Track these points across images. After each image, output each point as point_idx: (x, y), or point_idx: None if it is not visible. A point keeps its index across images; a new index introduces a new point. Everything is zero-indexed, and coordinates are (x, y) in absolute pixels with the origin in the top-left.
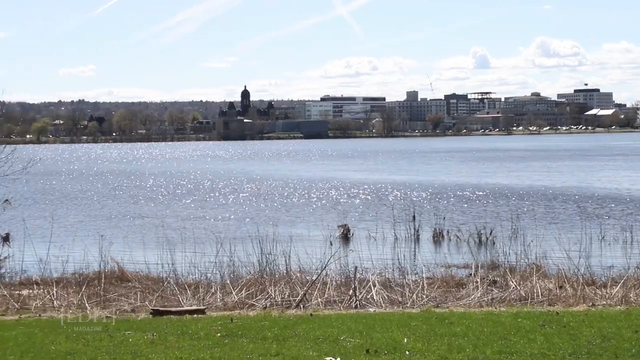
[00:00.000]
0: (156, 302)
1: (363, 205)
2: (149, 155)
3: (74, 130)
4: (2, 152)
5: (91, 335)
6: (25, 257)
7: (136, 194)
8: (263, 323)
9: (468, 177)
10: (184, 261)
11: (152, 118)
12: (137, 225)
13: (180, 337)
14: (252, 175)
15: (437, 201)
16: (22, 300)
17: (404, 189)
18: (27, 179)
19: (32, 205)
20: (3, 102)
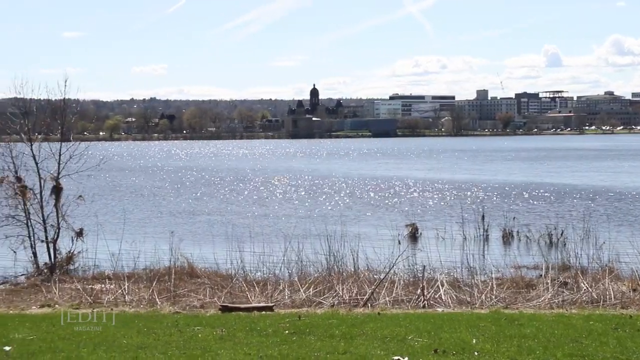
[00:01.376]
0: (225, 298)
1: (431, 205)
2: (219, 152)
3: (146, 127)
4: (76, 149)
5: (162, 330)
6: (98, 252)
7: (206, 191)
8: (331, 321)
9: (538, 176)
10: (253, 258)
11: (221, 116)
12: (207, 221)
13: (249, 334)
14: (320, 173)
15: (506, 201)
16: (94, 295)
17: (473, 188)
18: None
19: (104, 201)
20: (77, 100)
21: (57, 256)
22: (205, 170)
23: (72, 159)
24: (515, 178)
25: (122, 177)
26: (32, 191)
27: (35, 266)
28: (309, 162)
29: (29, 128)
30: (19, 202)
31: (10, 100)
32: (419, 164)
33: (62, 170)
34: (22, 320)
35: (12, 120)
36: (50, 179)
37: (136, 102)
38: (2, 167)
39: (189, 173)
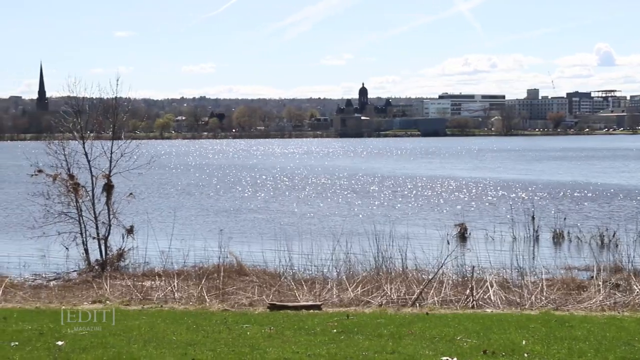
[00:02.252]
0: (273, 296)
1: (481, 205)
2: (267, 151)
3: (196, 126)
4: (127, 147)
5: (210, 328)
6: (148, 249)
7: (254, 189)
8: (379, 320)
9: (589, 176)
10: (301, 257)
11: (270, 115)
12: (255, 220)
13: (297, 332)
14: (371, 172)
15: (555, 201)
16: (145, 291)
17: (523, 188)
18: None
19: (155, 198)
20: (129, 99)
21: (108, 253)
22: (254, 169)
23: (123, 157)
24: (564, 178)
25: (171, 175)
26: (84, 188)
27: (86, 262)
28: (357, 161)
29: (82, 126)
30: (71, 199)
31: (64, 98)
32: (467, 163)
33: (113, 168)
34: (74, 316)
35: (65, 119)
36: (101, 176)
37: (186, 100)
38: (55, 164)
39: (237, 171)
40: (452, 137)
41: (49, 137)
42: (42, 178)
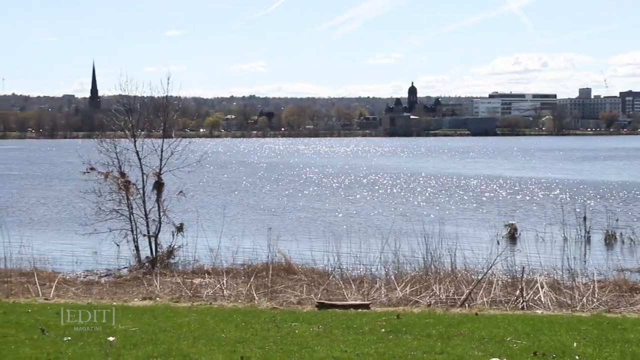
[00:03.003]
0: (321, 295)
1: (531, 205)
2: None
3: (245, 124)
4: (177, 146)
5: (259, 325)
6: (198, 247)
7: (302, 188)
8: (427, 320)
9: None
10: (349, 255)
11: (319, 114)
12: (304, 218)
13: (345, 331)
14: (419, 171)
15: (607, 202)
16: (194, 288)
17: (574, 188)
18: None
19: (204, 196)
20: (179, 97)
21: (158, 250)
22: (302, 167)
23: (173, 155)
24: (615, 178)
25: (221, 174)
26: (135, 186)
27: (137, 259)
28: (405, 160)
29: (133, 125)
30: (122, 197)
31: (116, 97)
32: (516, 162)
33: (163, 166)
34: (125, 312)
35: (116, 117)
36: (152, 174)
37: (236, 99)
38: (107, 162)
39: (285, 170)
40: (502, 137)
41: (101, 135)
42: (94, 176)
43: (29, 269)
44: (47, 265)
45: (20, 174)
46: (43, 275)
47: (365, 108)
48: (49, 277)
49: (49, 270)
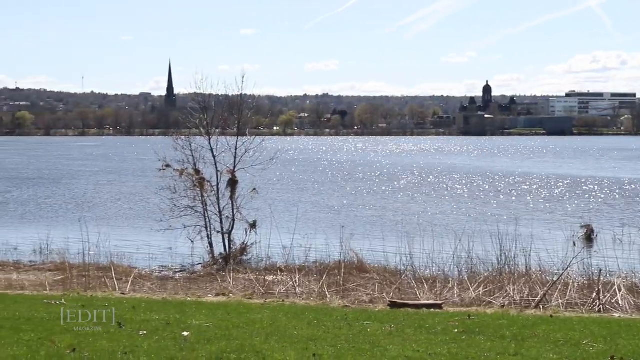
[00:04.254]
0: (394, 294)
1: (609, 206)
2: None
3: (318, 123)
4: (251, 143)
5: (331, 323)
6: (271, 244)
7: (375, 186)
8: (501, 322)
9: None
10: (422, 255)
11: (392, 112)
12: (376, 216)
13: (418, 331)
14: (493, 170)
15: None
16: (267, 285)
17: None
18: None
19: (277, 194)
20: (253, 96)
21: (231, 247)
22: (375, 166)
23: (247, 152)
24: None
25: (294, 172)
26: (209, 183)
27: (211, 256)
28: (480, 160)
29: (208, 122)
30: (197, 194)
31: (191, 95)
32: (592, 162)
33: (237, 164)
34: (199, 308)
35: (192, 115)
36: (226, 171)
37: (309, 97)
38: (182, 159)
39: (359, 168)
40: (579, 137)
41: (176, 132)
42: (169, 173)
43: (106, 264)
44: (124, 261)
45: (96, 171)
46: (120, 270)
47: (439, 107)
48: (125, 272)
49: (125, 265)
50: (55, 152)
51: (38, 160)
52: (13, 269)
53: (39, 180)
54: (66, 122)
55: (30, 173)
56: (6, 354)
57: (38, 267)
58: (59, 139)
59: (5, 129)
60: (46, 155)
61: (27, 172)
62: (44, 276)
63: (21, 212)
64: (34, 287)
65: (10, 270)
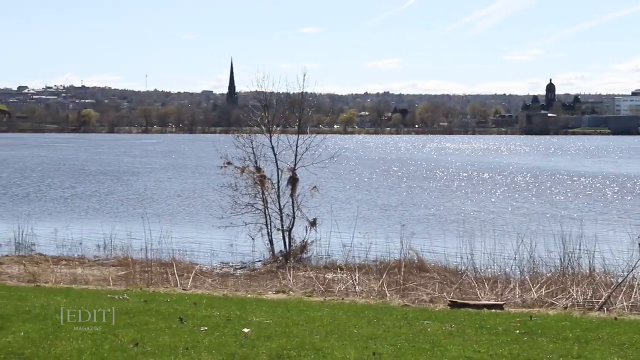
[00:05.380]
0: (454, 294)
1: None
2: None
3: (379, 121)
4: (312, 142)
5: (391, 323)
6: (331, 242)
7: (436, 185)
8: (564, 323)
9: None
10: (483, 255)
11: (454, 111)
12: (437, 216)
13: (479, 331)
14: (556, 170)
15: None
16: (327, 284)
17: None
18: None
19: (338, 192)
20: (314, 94)
21: (292, 245)
22: (437, 165)
23: (308, 151)
24: None
25: (355, 170)
26: (270, 181)
27: (271, 253)
28: (542, 159)
29: (269, 120)
30: (258, 192)
31: (253, 93)
32: None
33: (298, 162)
34: (259, 305)
35: (253, 113)
36: (287, 170)
37: (370, 96)
38: (243, 157)
39: (419, 167)
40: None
41: (238, 130)
42: (230, 170)
43: (168, 260)
44: (185, 257)
45: (157, 167)
46: (181, 267)
47: (501, 106)
48: (187, 268)
49: (187, 262)
50: (118, 150)
51: (101, 157)
52: (78, 264)
53: (102, 177)
54: (130, 119)
55: (94, 170)
56: (72, 347)
57: (102, 263)
58: (123, 136)
59: (71, 127)
60: (109, 152)
61: (90, 169)
62: (107, 271)
63: (85, 208)
64: (98, 282)
65: (76, 265)
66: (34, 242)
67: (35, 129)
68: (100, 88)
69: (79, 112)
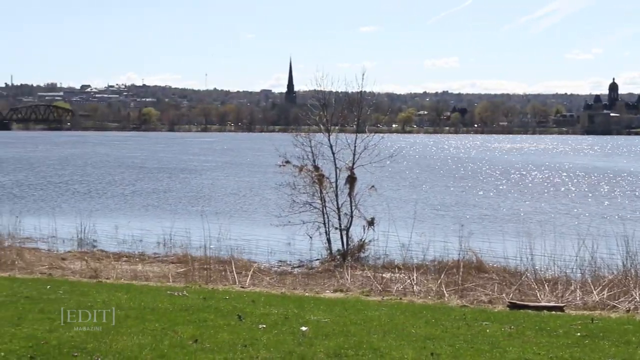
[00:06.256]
0: (513, 295)
1: None
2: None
3: (437, 120)
4: (370, 141)
5: (449, 323)
6: (388, 241)
7: (494, 185)
8: (626, 327)
9: None
10: (543, 256)
11: (514, 110)
12: (495, 216)
13: (538, 333)
14: (618, 170)
15: None
16: (384, 283)
17: None
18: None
19: (395, 192)
20: (373, 93)
21: (349, 243)
22: (495, 164)
23: (366, 150)
24: None
25: (412, 169)
26: (328, 180)
27: (329, 252)
28: (605, 159)
29: (327, 119)
30: (316, 190)
31: (311, 92)
32: None
33: (356, 161)
34: (317, 303)
35: (312, 112)
36: (345, 168)
37: (428, 95)
38: (301, 156)
39: (477, 166)
40: None
41: (296, 129)
42: (289, 169)
43: (226, 257)
44: (244, 255)
45: (214, 165)
46: (239, 264)
47: (562, 105)
48: (245, 266)
49: (245, 259)
50: (176, 147)
51: (159, 155)
52: (138, 260)
53: (160, 174)
54: (189, 118)
55: (152, 167)
56: (132, 342)
57: (161, 259)
58: (182, 134)
59: (132, 125)
60: (166, 150)
61: (149, 166)
62: (167, 268)
63: (144, 205)
64: (158, 279)
65: (136, 262)
66: (95, 238)
67: (97, 127)
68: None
69: (139, 111)
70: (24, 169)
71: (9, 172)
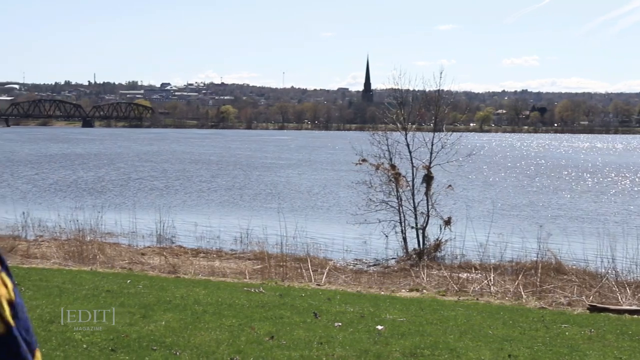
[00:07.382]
0: (593, 297)
1: None
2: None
3: (516, 120)
4: (448, 139)
5: (527, 325)
6: (465, 241)
7: (574, 185)
8: None
9: None
10: (625, 258)
11: (595, 109)
12: (575, 216)
13: (619, 337)
14: None
15: None
16: (460, 283)
17: None
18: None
19: (472, 191)
20: (450, 91)
21: (425, 243)
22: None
23: (443, 148)
24: None
25: (490, 168)
26: (404, 178)
27: (404, 251)
28: None
29: (404, 117)
30: (392, 189)
31: (388, 90)
32: None
33: (433, 160)
34: (392, 302)
35: (389, 110)
36: (422, 167)
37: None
38: (378, 154)
39: (558, 166)
40: None
41: (373, 127)
42: (365, 167)
43: (302, 255)
44: (319, 253)
45: (289, 163)
46: (315, 262)
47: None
48: (321, 263)
49: (320, 257)
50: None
51: (235, 152)
52: (216, 257)
53: (236, 171)
54: (267, 115)
55: (228, 163)
56: (210, 337)
57: (238, 256)
58: (259, 132)
59: (210, 122)
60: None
61: (225, 163)
62: (243, 264)
63: (221, 201)
64: (235, 275)
65: (213, 258)
66: (173, 234)
67: (177, 125)
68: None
69: (217, 108)
70: (105, 164)
71: (91, 168)
